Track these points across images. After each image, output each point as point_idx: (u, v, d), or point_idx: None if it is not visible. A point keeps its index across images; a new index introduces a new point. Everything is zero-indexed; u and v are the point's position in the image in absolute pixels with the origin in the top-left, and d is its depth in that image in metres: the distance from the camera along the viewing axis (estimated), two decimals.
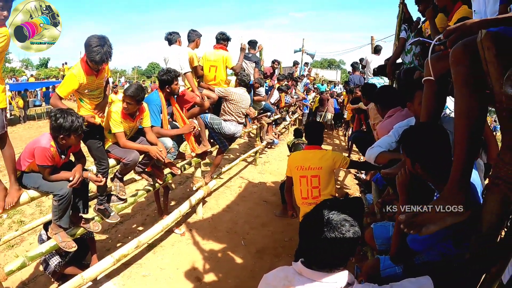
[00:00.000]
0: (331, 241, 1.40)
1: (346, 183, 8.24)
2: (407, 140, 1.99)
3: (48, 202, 6.42)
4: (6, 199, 3.05)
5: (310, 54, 20.65)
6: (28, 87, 20.99)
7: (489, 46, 1.37)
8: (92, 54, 3.35)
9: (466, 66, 1.50)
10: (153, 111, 4.49)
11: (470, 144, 1.55)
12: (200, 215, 6.12)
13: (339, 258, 1.45)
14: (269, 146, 11.47)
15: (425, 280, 1.46)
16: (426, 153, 1.86)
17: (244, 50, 6.61)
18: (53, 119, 3.04)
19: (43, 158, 3.08)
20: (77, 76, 3.46)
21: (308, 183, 3.83)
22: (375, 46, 10.27)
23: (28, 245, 5.08)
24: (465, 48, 1.51)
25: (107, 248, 4.97)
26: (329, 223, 1.42)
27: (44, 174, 3.20)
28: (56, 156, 3.20)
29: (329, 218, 1.43)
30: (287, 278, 1.53)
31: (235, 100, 5.89)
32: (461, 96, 1.54)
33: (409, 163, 1.95)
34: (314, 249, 1.47)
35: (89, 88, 3.61)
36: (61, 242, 3.39)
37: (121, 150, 4.04)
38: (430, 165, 1.86)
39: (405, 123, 2.90)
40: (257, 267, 4.58)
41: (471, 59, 1.48)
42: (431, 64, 2.00)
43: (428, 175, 1.90)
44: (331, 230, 1.41)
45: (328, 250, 1.42)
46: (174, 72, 4.65)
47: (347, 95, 8.44)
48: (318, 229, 1.43)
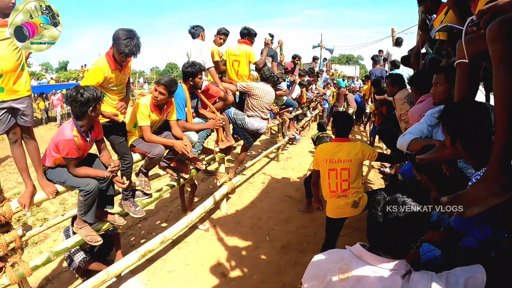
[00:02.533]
0: (398, 218, 1.39)
1: (370, 178, 8.13)
2: (448, 116, 1.92)
3: (72, 200, 6.55)
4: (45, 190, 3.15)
5: (329, 49, 20.55)
6: (48, 89, 21.38)
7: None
8: (121, 46, 3.37)
9: (503, 43, 1.47)
10: (178, 105, 4.50)
11: (510, 121, 1.49)
12: (224, 211, 6.12)
13: (405, 241, 1.42)
14: (291, 142, 11.41)
15: (478, 268, 1.42)
16: (467, 130, 1.80)
17: (268, 45, 6.60)
18: (79, 96, 3.05)
19: (68, 150, 3.10)
20: (102, 69, 3.47)
21: (338, 176, 3.77)
22: (396, 38, 10.13)
23: (52, 242, 5.18)
24: (502, 25, 1.48)
25: (131, 244, 5.03)
26: (395, 201, 1.42)
27: (70, 167, 3.22)
28: (81, 145, 3.20)
29: (395, 196, 1.43)
30: (343, 260, 1.51)
31: (257, 95, 5.84)
32: (499, 73, 1.49)
33: (449, 141, 1.90)
34: (381, 230, 1.44)
35: (113, 82, 3.62)
36: (86, 236, 3.42)
37: (146, 144, 4.05)
38: (471, 143, 1.79)
39: (437, 109, 2.83)
40: (282, 263, 4.55)
41: (507, 36, 1.45)
42: (465, 45, 1.94)
43: (468, 154, 1.84)
44: (398, 206, 1.40)
45: (395, 229, 1.40)
46: (199, 66, 4.65)
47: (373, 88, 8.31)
48: (385, 208, 1.42)
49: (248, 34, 6.18)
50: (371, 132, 11.33)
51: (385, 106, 6.65)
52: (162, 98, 4.00)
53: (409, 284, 1.37)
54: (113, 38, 3.43)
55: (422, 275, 1.40)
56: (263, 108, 5.95)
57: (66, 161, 3.19)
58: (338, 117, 4.10)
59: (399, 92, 4.73)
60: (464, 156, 1.88)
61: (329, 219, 3.94)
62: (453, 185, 1.99)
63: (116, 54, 3.47)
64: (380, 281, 1.38)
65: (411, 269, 1.43)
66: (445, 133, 1.95)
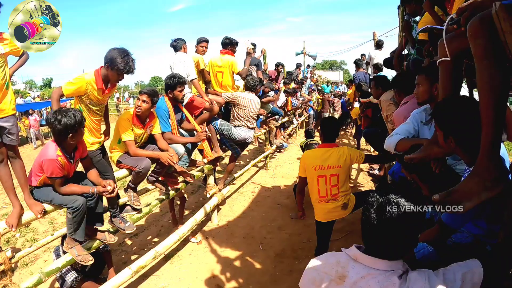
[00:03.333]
0: (393, 219, 1.38)
1: (359, 181, 8.16)
2: (441, 112, 1.94)
3: (61, 219, 6.45)
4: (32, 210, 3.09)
5: (312, 55, 20.68)
6: (33, 107, 21.13)
7: (505, 17, 1.37)
8: (119, 64, 3.40)
9: (484, 39, 1.49)
10: (161, 117, 4.47)
11: (496, 114, 1.51)
12: (216, 222, 6.07)
13: (401, 242, 1.42)
14: (279, 150, 11.43)
15: (474, 263, 1.44)
16: (460, 125, 1.82)
17: (250, 55, 6.60)
18: (56, 122, 2.97)
19: (52, 170, 3.04)
20: (87, 82, 3.45)
21: (327, 182, 3.77)
22: (377, 41, 10.25)
23: (42, 263, 5.07)
24: (482, 21, 1.51)
25: (123, 261, 4.94)
26: (389, 202, 1.41)
27: (56, 186, 3.17)
28: (66, 164, 3.15)
29: (388, 197, 1.43)
30: (339, 264, 1.50)
31: (243, 104, 5.84)
32: (482, 68, 1.52)
33: (442, 137, 1.91)
34: (376, 232, 1.44)
35: (93, 100, 3.59)
36: (77, 256, 3.35)
37: (132, 159, 4.01)
38: (464, 138, 1.81)
39: (421, 109, 2.86)
40: (277, 271, 4.52)
41: (488, 31, 1.48)
42: (446, 44, 1.96)
43: (460, 150, 1.85)
44: (392, 207, 1.40)
45: (390, 231, 1.40)
46: (179, 78, 4.60)
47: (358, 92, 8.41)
48: (379, 210, 1.42)
49: (230, 43, 6.18)
50: (354, 136, 11.42)
51: (371, 109, 6.69)
52: (146, 107, 3.98)
53: (407, 283, 1.36)
54: (109, 59, 3.43)
55: (419, 274, 1.39)
56: (249, 117, 5.95)
57: (51, 180, 3.14)
58: (326, 122, 4.10)
59: (384, 94, 4.77)
60: (457, 151, 1.90)
61: (319, 223, 3.94)
62: (444, 182, 2.00)
63: (112, 73, 3.48)
64: (378, 282, 1.38)
65: (408, 269, 1.43)
66: (438, 129, 1.97)
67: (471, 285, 1.37)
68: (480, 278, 1.37)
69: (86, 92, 3.49)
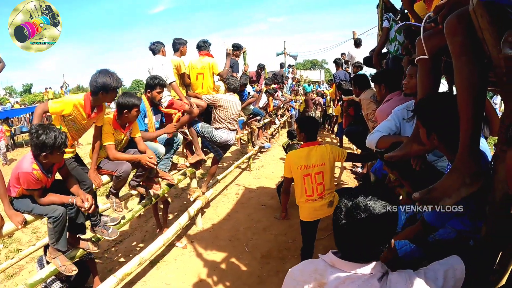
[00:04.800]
0: (362, 223, 1.39)
1: (343, 179, 8.22)
2: (423, 109, 1.95)
3: (44, 228, 6.31)
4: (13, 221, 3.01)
5: (293, 55, 20.80)
6: (13, 114, 20.59)
7: (482, 13, 1.40)
8: (111, 85, 3.48)
9: (462, 36, 1.51)
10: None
11: (474, 110, 1.53)
12: (200, 226, 6.03)
13: (374, 245, 1.42)
14: (262, 150, 11.44)
15: (454, 259, 1.44)
16: (443, 122, 1.83)
17: (230, 55, 6.56)
18: (35, 135, 2.89)
19: (28, 183, 2.97)
20: (75, 104, 3.43)
21: (313, 180, 3.78)
22: (355, 39, 10.33)
23: (27, 274, 4.95)
24: (459, 18, 1.53)
25: (108, 268, 4.86)
26: (357, 205, 1.41)
27: (35, 197, 3.10)
28: (42, 177, 3.06)
29: (357, 201, 1.43)
30: (317, 271, 1.48)
31: (223, 106, 5.81)
32: (460, 65, 1.53)
33: (424, 134, 1.92)
34: (348, 237, 1.44)
35: (75, 122, 3.55)
36: (61, 266, 3.27)
37: (112, 164, 3.94)
38: (446, 134, 1.82)
39: (404, 106, 2.88)
40: (264, 272, 4.51)
41: (465, 28, 1.50)
42: (424, 42, 1.98)
43: (443, 146, 1.86)
44: (361, 210, 1.40)
45: (361, 234, 1.40)
46: (160, 80, 4.59)
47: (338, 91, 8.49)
48: (349, 215, 1.42)
49: (205, 46, 6.16)
50: (337, 134, 11.50)
51: (352, 107, 6.74)
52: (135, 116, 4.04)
53: (387, 286, 1.36)
54: (101, 86, 3.46)
55: (400, 275, 1.39)
56: (230, 119, 5.92)
57: (29, 192, 3.06)
58: (306, 122, 4.10)
59: (364, 93, 4.81)
60: (439, 148, 1.91)
61: (304, 222, 3.94)
62: (425, 179, 2.01)
63: (109, 96, 3.56)
64: (357, 287, 1.37)
65: (388, 270, 1.43)
66: (421, 126, 1.97)
67: (453, 281, 1.37)
68: (462, 273, 1.37)
69: (72, 114, 3.44)
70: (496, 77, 1.46)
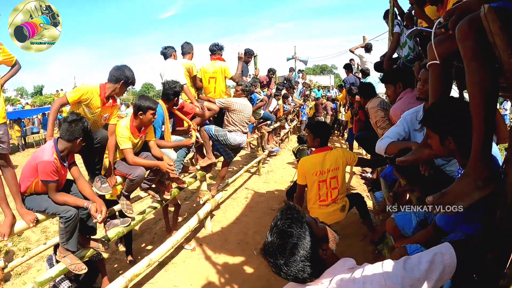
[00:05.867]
0: (276, 250, 1.46)
1: (352, 184, 8.19)
2: (435, 115, 1.91)
3: (53, 228, 6.38)
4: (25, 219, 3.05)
5: (303, 60, 20.78)
6: (24, 114, 20.87)
7: (494, 18, 1.40)
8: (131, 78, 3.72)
9: (473, 41, 1.52)
10: (155, 123, 4.47)
11: (486, 115, 1.53)
12: (209, 229, 6.05)
13: (299, 265, 1.43)
14: (271, 155, 11.44)
15: (443, 245, 1.42)
16: (459, 124, 1.79)
17: (242, 59, 6.58)
18: (80, 124, 3.10)
19: (48, 173, 3.01)
20: (91, 90, 3.52)
21: (328, 185, 3.80)
22: (366, 44, 10.32)
23: (35, 272, 5.00)
24: (470, 23, 1.53)
25: (117, 269, 4.90)
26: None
27: (50, 191, 3.13)
28: (60, 168, 3.13)
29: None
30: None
31: (237, 110, 5.85)
32: (471, 70, 1.54)
33: (437, 140, 1.89)
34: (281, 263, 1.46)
35: (91, 109, 3.63)
36: (71, 265, 3.31)
37: (127, 167, 3.98)
38: (463, 137, 1.77)
39: (413, 111, 2.88)
40: (272, 276, 4.49)
41: (477, 33, 1.51)
42: (435, 47, 1.98)
43: (459, 151, 1.84)
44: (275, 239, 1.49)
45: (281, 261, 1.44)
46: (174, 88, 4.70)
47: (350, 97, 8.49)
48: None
49: (219, 49, 6.17)
50: (347, 139, 11.47)
51: (362, 111, 6.72)
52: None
53: (361, 269, 1.41)
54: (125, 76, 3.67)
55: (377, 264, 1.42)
56: (243, 122, 5.95)
57: (45, 184, 3.09)
58: (319, 127, 4.11)
59: (370, 101, 4.82)
60: (454, 153, 1.88)
61: None
62: (435, 183, 2.01)
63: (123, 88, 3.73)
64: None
65: (354, 266, 1.48)
66: (432, 133, 1.95)
67: (442, 266, 1.34)
68: (451, 259, 1.34)
69: (88, 99, 3.52)
70: (507, 82, 1.47)
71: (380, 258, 4.34)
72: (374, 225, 4.86)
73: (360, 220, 5.04)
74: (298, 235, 1.44)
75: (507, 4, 1.44)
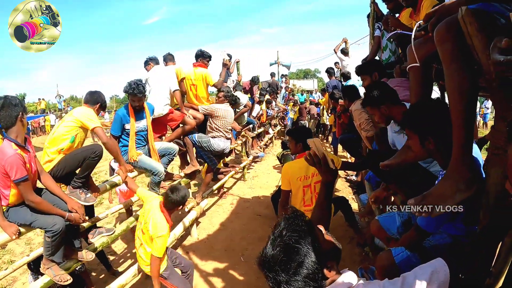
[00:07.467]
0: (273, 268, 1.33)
1: (337, 187, 8.22)
2: (415, 115, 1.94)
3: (38, 239, 6.25)
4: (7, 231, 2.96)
5: (286, 65, 20.84)
6: None
7: (471, 21, 1.42)
8: (105, 102, 3.86)
9: (451, 43, 1.54)
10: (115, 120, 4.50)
11: (467, 116, 1.55)
12: (195, 236, 6.00)
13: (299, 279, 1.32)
14: (256, 160, 11.44)
15: (437, 262, 1.40)
16: (439, 125, 1.82)
17: (226, 66, 6.58)
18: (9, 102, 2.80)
19: (17, 168, 2.80)
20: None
21: (312, 190, 3.77)
22: (342, 49, 10.41)
23: (21, 286, 4.90)
24: (448, 26, 1.55)
25: (103, 280, 4.81)
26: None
27: (27, 193, 2.96)
28: (27, 158, 2.92)
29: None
30: None
31: (220, 116, 5.86)
32: (450, 72, 1.56)
33: (417, 141, 1.91)
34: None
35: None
36: (55, 276, 3.24)
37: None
38: (443, 137, 1.80)
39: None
40: (260, 282, 4.48)
41: (455, 35, 1.53)
42: (415, 50, 2.01)
43: (438, 151, 1.86)
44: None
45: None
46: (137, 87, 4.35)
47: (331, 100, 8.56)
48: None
49: (201, 55, 6.13)
50: (332, 143, 11.55)
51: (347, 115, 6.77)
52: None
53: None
54: (100, 100, 3.65)
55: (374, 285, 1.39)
56: (226, 128, 5.96)
57: (18, 184, 2.89)
58: (300, 132, 4.09)
59: (354, 104, 4.83)
60: (434, 153, 1.90)
61: None
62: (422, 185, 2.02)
63: (99, 110, 3.69)
64: None
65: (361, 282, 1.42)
66: (411, 134, 1.97)
67: (437, 284, 1.35)
68: (446, 276, 1.34)
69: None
70: (486, 83, 1.49)
71: (367, 260, 4.37)
72: (360, 227, 4.89)
73: (346, 223, 5.07)
74: (306, 252, 1.32)
75: (485, 6, 1.47)
